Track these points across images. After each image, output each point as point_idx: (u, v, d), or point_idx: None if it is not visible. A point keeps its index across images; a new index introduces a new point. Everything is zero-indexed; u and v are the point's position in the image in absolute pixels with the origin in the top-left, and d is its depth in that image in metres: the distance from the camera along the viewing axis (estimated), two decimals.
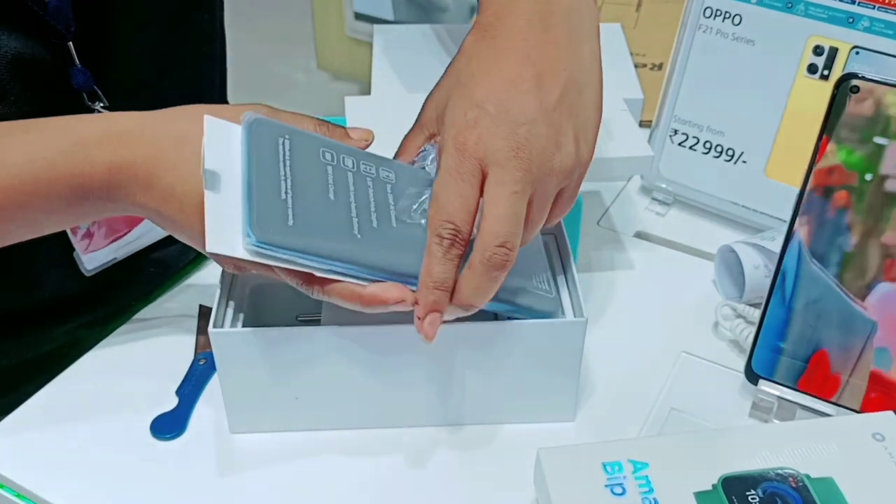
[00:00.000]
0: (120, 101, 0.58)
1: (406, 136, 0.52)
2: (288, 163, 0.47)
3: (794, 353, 0.53)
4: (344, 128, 0.51)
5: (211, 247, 0.43)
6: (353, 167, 0.49)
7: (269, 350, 0.50)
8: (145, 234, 0.65)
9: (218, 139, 0.46)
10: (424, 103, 0.50)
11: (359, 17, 2.57)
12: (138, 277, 0.67)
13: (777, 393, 0.54)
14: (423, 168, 0.50)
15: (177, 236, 0.49)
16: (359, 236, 0.46)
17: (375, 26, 0.76)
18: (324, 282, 0.45)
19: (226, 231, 0.44)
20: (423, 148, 0.51)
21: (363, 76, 2.58)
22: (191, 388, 0.56)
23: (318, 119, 0.50)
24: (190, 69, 0.66)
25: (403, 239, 0.47)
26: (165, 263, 0.68)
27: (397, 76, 0.72)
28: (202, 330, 0.60)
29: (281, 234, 0.44)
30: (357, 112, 0.63)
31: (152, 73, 0.62)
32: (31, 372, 0.59)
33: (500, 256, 0.44)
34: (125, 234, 0.64)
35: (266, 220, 0.44)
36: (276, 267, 0.45)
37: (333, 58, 2.56)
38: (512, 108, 0.44)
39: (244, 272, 0.48)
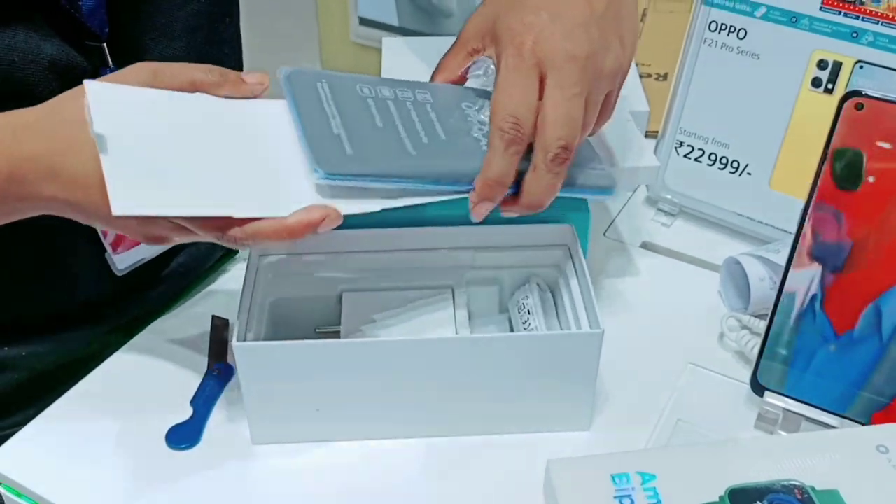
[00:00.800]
0: None
1: (445, 56, 0.54)
2: (331, 102, 0.51)
3: (881, 391, 0.53)
4: (238, 73, 0.51)
5: (117, 210, 0.42)
6: (392, 95, 0.53)
7: (290, 363, 0.51)
8: None
9: (103, 101, 0.46)
10: (466, 25, 0.53)
11: (363, 22, 2.58)
12: (167, 279, 0.68)
13: (782, 405, 0.55)
14: (469, 82, 0.54)
15: (92, 224, 0.49)
16: (413, 153, 0.49)
17: (384, 39, 0.77)
18: (244, 223, 0.45)
19: (131, 191, 0.43)
20: (473, 60, 0.53)
21: None
22: (205, 399, 0.57)
23: (207, 66, 0.51)
24: None
25: (456, 149, 0.51)
26: (192, 264, 0.69)
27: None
28: (215, 341, 0.61)
29: (344, 163, 0.47)
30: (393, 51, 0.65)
31: None
32: (66, 376, 0.60)
33: (562, 156, 0.47)
34: None
35: (327, 154, 0.47)
36: (190, 220, 0.45)
37: (338, 62, 2.57)
38: (565, 13, 0.48)
39: (157, 241, 0.49)
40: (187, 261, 0.69)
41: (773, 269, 0.63)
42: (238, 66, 0.72)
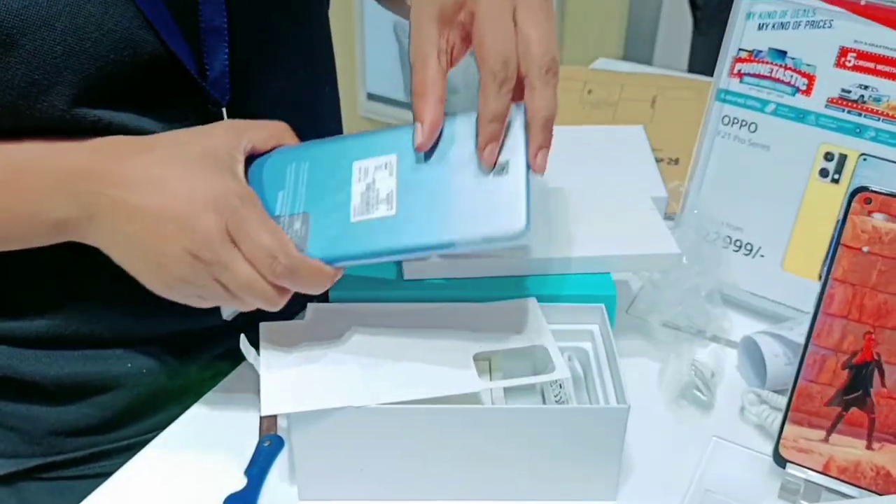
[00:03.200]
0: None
1: (417, 53, 0.54)
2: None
3: None
4: None
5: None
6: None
7: (338, 427, 0.55)
8: None
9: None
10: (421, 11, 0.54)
11: (371, 97, 2.67)
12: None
13: (804, 476, 0.58)
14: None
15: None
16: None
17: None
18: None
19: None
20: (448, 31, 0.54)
21: None
22: (259, 470, 0.60)
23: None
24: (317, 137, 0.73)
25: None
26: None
27: None
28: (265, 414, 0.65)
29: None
30: None
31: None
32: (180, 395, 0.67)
33: (553, 68, 0.52)
34: None
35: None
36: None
37: None
38: None
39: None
40: None
41: (788, 346, 0.67)
42: (337, 128, 0.79)
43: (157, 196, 0.52)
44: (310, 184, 0.56)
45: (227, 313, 0.59)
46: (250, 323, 0.68)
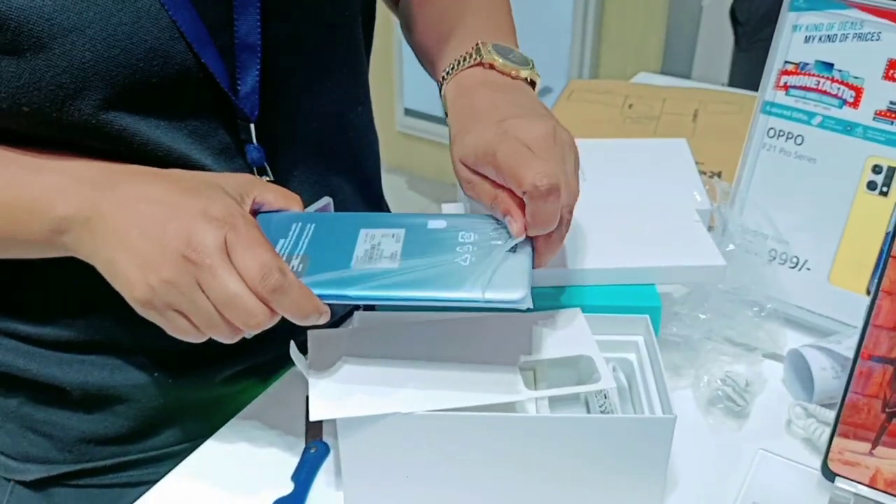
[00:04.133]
0: (281, 174, 0.67)
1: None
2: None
3: None
4: None
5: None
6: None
7: (384, 433, 0.55)
8: None
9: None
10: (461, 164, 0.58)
11: (409, 112, 2.69)
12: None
13: (853, 490, 0.58)
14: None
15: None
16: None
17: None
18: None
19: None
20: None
21: (412, 169, 2.68)
22: (305, 474, 0.61)
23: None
24: (350, 156, 0.74)
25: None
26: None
27: None
28: (311, 421, 0.65)
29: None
30: None
31: (317, 156, 0.70)
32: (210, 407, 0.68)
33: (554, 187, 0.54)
34: None
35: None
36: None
37: (384, 152, 2.67)
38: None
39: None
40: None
41: (836, 360, 0.66)
42: (370, 148, 0.80)
43: (167, 194, 0.53)
44: (313, 239, 0.57)
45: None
46: (270, 341, 0.69)
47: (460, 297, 0.52)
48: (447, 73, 0.65)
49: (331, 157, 0.71)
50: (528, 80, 0.64)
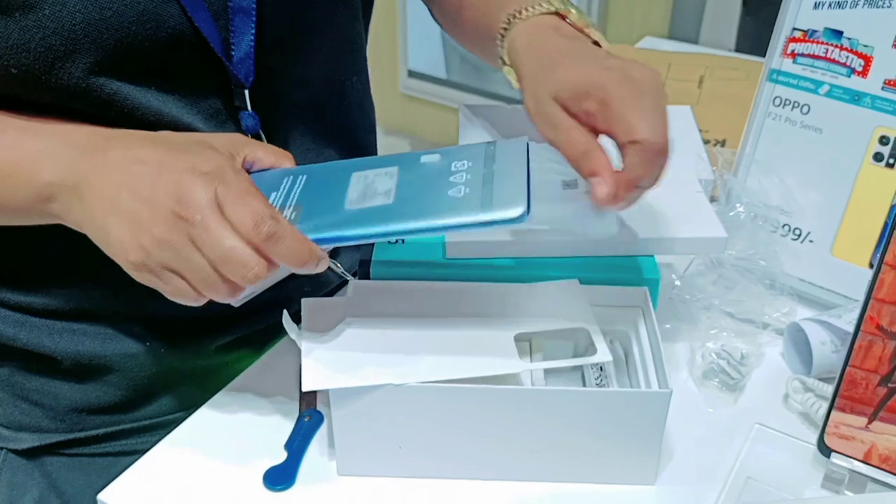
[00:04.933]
0: (275, 142, 0.65)
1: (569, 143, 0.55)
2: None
3: None
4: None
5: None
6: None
7: (377, 404, 0.55)
8: None
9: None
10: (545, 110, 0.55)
11: (412, 74, 2.67)
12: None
13: (849, 466, 0.57)
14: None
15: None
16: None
17: (461, 105, 0.81)
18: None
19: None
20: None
21: (415, 131, 2.66)
22: (298, 443, 0.60)
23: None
24: (344, 126, 0.73)
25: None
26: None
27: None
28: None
29: None
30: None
31: (311, 124, 0.69)
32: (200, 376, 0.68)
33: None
34: None
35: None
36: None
37: (387, 113, 2.65)
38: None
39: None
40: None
41: (835, 334, 0.66)
42: (366, 117, 0.78)
43: (156, 154, 0.51)
44: (305, 188, 0.56)
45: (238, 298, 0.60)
46: (265, 310, 0.68)
47: (459, 223, 0.51)
48: (514, 17, 0.62)
49: (325, 125, 0.70)
50: (594, 42, 0.62)
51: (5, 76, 0.54)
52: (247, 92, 0.62)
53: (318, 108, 0.69)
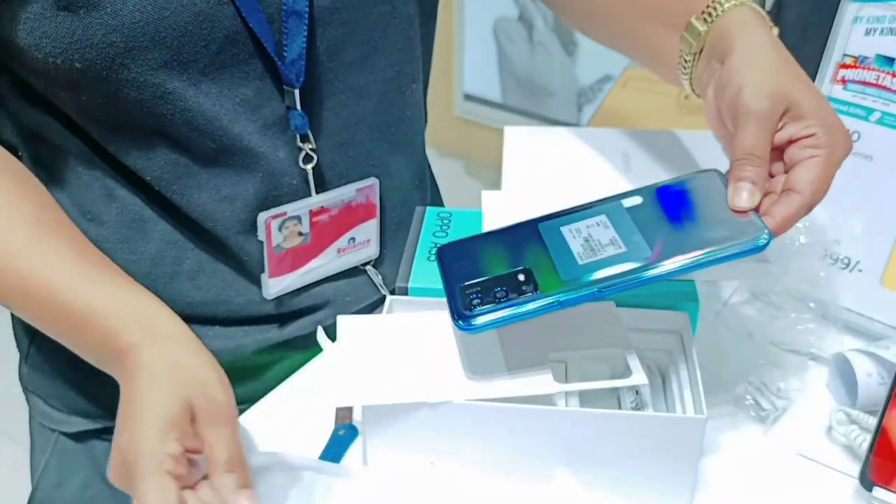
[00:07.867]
0: (327, 148, 0.67)
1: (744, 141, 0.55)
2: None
3: None
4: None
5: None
6: None
7: (409, 422, 0.55)
8: (326, 265, 0.71)
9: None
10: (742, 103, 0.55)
11: (468, 97, 2.68)
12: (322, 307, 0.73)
13: (891, 501, 0.56)
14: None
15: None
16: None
17: (506, 128, 0.81)
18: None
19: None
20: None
21: (469, 154, 2.67)
22: (333, 456, 0.61)
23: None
24: (395, 136, 0.73)
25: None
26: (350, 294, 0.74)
27: (527, 173, 0.78)
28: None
29: None
30: (492, 205, 0.69)
31: (361, 132, 0.70)
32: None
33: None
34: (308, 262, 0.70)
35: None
36: None
37: (442, 136, 2.67)
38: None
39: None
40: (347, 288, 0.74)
41: (882, 365, 0.64)
42: (419, 128, 0.79)
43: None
44: (511, 253, 0.56)
45: (271, 293, 0.60)
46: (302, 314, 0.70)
47: (723, 255, 0.52)
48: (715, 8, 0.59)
49: (377, 133, 0.71)
50: None
51: (70, 70, 0.57)
52: (297, 92, 0.63)
53: (370, 114, 0.69)
